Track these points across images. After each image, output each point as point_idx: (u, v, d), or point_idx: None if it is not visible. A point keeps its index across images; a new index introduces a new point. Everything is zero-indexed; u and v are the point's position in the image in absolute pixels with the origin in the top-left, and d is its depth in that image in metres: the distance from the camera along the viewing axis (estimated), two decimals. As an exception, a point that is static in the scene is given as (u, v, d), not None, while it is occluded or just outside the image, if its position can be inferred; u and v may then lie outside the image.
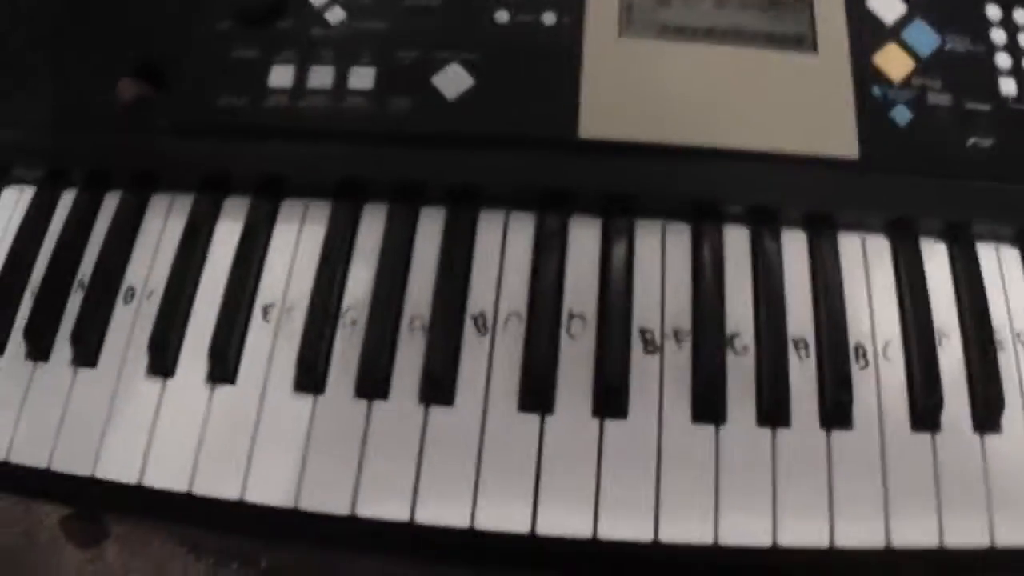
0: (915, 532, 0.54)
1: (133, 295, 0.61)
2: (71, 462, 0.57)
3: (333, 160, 0.61)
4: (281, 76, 0.62)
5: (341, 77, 0.62)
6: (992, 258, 0.62)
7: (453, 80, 0.61)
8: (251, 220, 0.61)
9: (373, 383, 0.56)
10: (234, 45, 0.63)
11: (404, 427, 0.56)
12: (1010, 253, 0.62)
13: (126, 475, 0.56)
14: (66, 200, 0.65)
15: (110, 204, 0.64)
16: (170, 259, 0.61)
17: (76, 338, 0.59)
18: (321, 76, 0.62)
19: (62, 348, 0.59)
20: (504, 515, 0.53)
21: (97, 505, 0.60)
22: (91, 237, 0.63)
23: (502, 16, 0.63)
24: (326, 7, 0.64)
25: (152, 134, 0.62)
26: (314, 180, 0.61)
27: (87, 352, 0.59)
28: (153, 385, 0.58)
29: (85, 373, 0.59)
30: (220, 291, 0.60)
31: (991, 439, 0.56)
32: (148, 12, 0.66)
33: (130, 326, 0.60)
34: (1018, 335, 0.60)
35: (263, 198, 0.62)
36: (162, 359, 0.58)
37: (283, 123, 0.61)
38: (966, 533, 0.54)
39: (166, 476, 0.55)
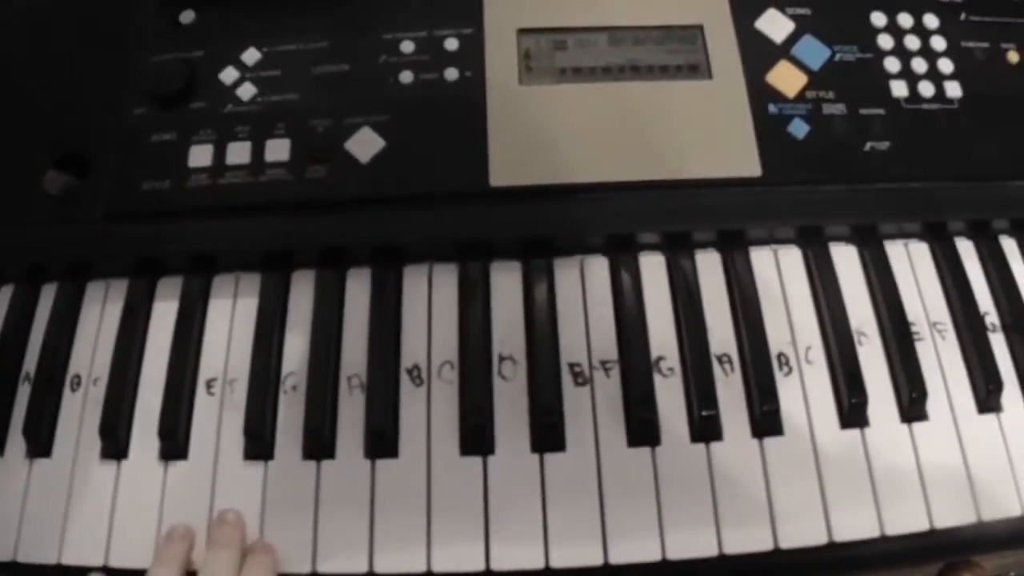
0: (856, 526, 0.56)
1: (79, 382, 0.62)
2: (36, 552, 0.57)
3: (258, 232, 0.62)
4: (200, 156, 0.63)
5: (258, 151, 0.63)
6: (902, 255, 0.64)
7: (365, 143, 0.63)
8: (185, 298, 0.63)
9: (319, 444, 0.58)
10: (152, 129, 0.65)
11: (353, 483, 0.57)
12: (919, 248, 0.65)
13: (91, 558, 0.57)
14: (3, 296, 0.66)
15: (48, 295, 0.65)
16: (111, 344, 0.62)
17: (28, 431, 0.60)
18: (238, 152, 0.63)
19: (15, 442, 0.60)
20: (459, 556, 0.55)
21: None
22: (32, 329, 0.64)
23: (406, 76, 0.65)
24: (237, 84, 0.65)
25: (82, 223, 0.63)
26: (242, 254, 0.63)
27: (40, 443, 0.60)
28: (108, 468, 0.59)
29: (40, 464, 0.60)
30: (163, 370, 0.61)
31: (919, 427, 0.59)
32: (66, 103, 0.67)
33: (80, 413, 0.61)
34: (934, 325, 0.62)
35: (195, 276, 0.63)
36: (114, 443, 0.59)
37: (207, 201, 0.62)
38: (905, 521, 0.56)
39: (130, 555, 0.56)
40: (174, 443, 0.59)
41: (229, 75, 0.66)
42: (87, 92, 0.67)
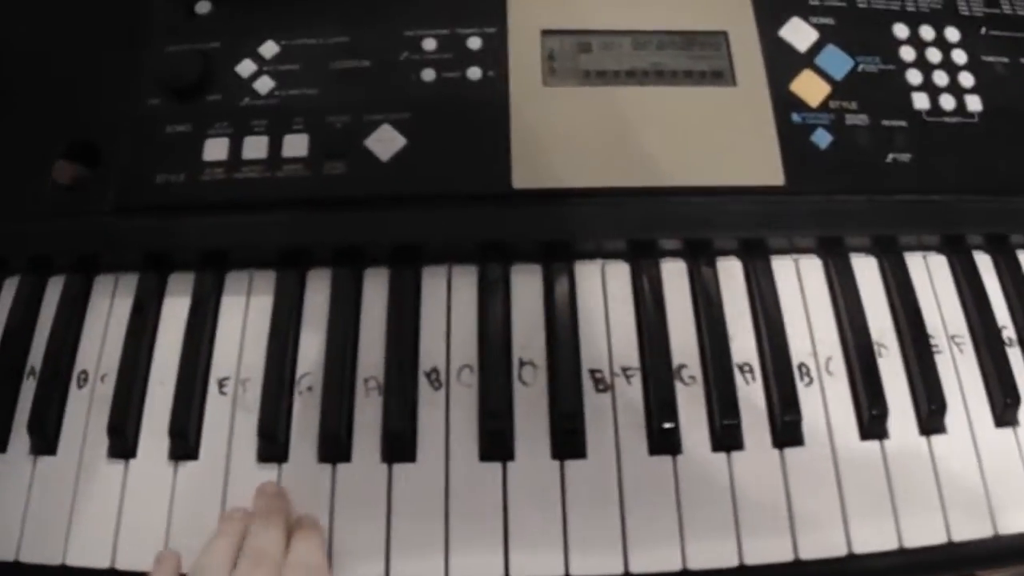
0: (875, 538, 0.56)
1: (86, 379, 0.61)
2: (40, 552, 0.56)
3: (273, 229, 0.61)
4: (215, 149, 0.62)
5: (275, 146, 0.62)
6: (921, 266, 0.64)
7: (386, 141, 0.62)
8: (197, 295, 0.62)
9: (335, 447, 0.57)
10: (167, 121, 0.63)
11: (370, 488, 0.56)
12: (937, 260, 0.65)
13: (97, 560, 0.56)
14: (9, 287, 0.64)
15: (55, 288, 0.64)
16: (120, 340, 0.61)
17: (32, 427, 0.58)
18: (255, 146, 0.62)
19: (19, 438, 0.59)
20: (477, 564, 0.54)
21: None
22: (38, 323, 0.63)
23: (428, 75, 0.64)
24: (254, 77, 0.64)
25: (92, 215, 0.62)
26: (257, 250, 0.62)
27: (45, 440, 0.59)
28: (116, 467, 0.58)
29: (45, 461, 0.58)
30: (174, 368, 0.60)
31: (938, 440, 0.59)
32: (79, 93, 0.66)
33: (86, 410, 0.60)
34: (953, 338, 0.62)
35: (208, 272, 0.62)
36: (122, 442, 0.58)
37: (221, 196, 0.61)
38: (924, 533, 0.56)
39: (138, 557, 0.55)
40: (184, 443, 0.58)
41: (246, 68, 0.65)
42: (100, 81, 0.66)
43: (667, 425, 0.57)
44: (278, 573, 0.51)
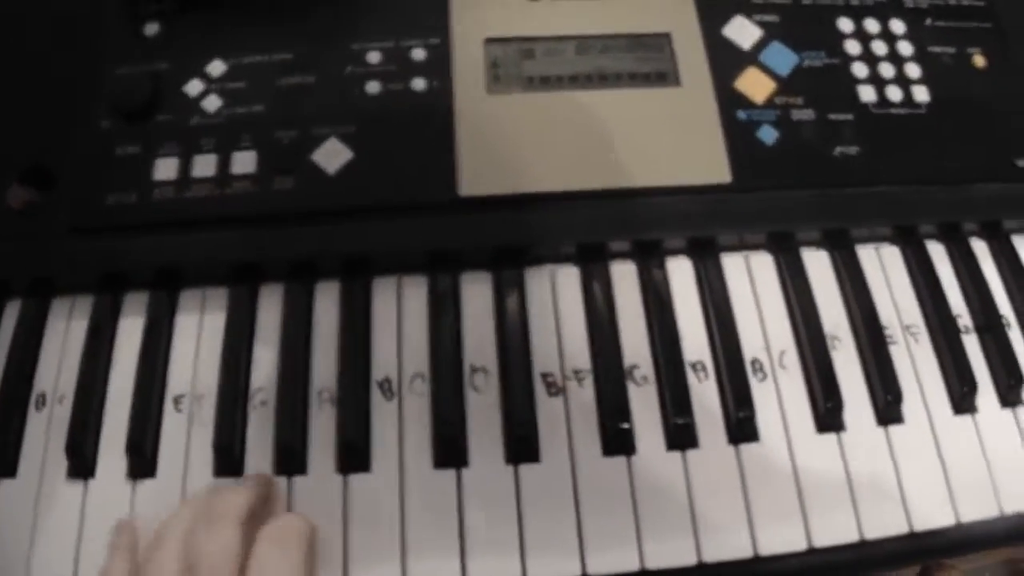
0: (835, 531, 0.56)
1: (45, 401, 0.61)
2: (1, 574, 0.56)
3: (224, 246, 0.61)
4: (165, 169, 0.62)
5: (224, 163, 0.62)
6: (873, 258, 0.65)
7: (332, 154, 0.62)
8: (152, 314, 0.62)
9: (290, 460, 0.57)
10: (117, 142, 0.63)
11: (326, 499, 0.56)
12: (890, 251, 0.65)
13: (58, 581, 0.55)
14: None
15: (11, 312, 0.64)
16: (77, 361, 0.61)
17: (-8, 451, 0.58)
18: (204, 165, 0.62)
19: (-21, 463, 0.59)
20: (435, 571, 0.54)
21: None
22: (-4, 348, 0.63)
23: (373, 87, 0.64)
24: (202, 96, 0.64)
25: (46, 238, 0.62)
26: (209, 268, 0.62)
27: (5, 463, 0.59)
28: (75, 488, 0.58)
29: (5, 484, 0.58)
30: (130, 387, 0.60)
31: (895, 430, 0.59)
32: (29, 117, 0.66)
33: (45, 432, 0.60)
34: (908, 328, 0.62)
35: (161, 291, 0.62)
36: (81, 462, 0.58)
37: (172, 215, 0.61)
38: (884, 524, 0.56)
39: (99, 577, 0.55)
40: (142, 460, 0.58)
41: (194, 87, 0.65)
42: (51, 106, 0.66)
43: (621, 426, 0.57)
44: (237, 530, 0.50)
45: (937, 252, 0.65)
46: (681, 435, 0.57)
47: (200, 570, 0.49)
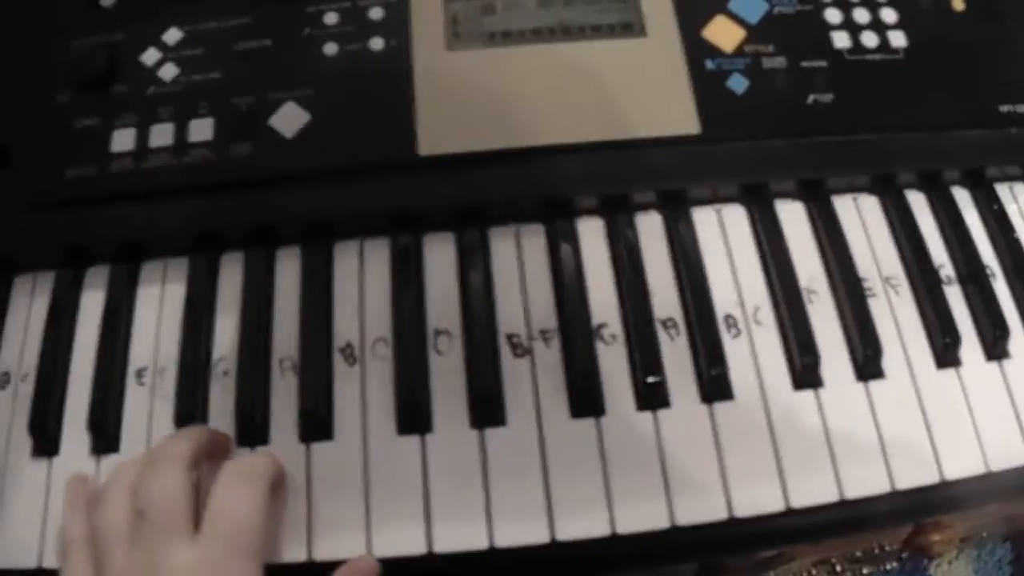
0: (814, 490, 0.54)
1: (8, 380, 0.60)
2: (-33, 556, 0.55)
3: (183, 216, 0.60)
4: (123, 140, 0.62)
5: (181, 132, 0.61)
6: (850, 208, 0.63)
7: (290, 118, 0.61)
8: (112, 288, 0.61)
9: (251, 429, 0.56)
10: (74, 114, 0.63)
11: (289, 467, 0.55)
12: (868, 201, 0.63)
13: (25, 560, 0.55)
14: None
15: (-27, 291, 0.63)
16: (39, 338, 0.60)
17: (-44, 432, 0.58)
18: (161, 134, 0.61)
19: (-57, 443, 0.58)
20: (400, 539, 0.53)
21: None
22: (-42, 328, 0.62)
23: (331, 48, 0.63)
24: (158, 65, 0.63)
25: (5, 214, 0.61)
26: (169, 238, 0.61)
27: (-31, 443, 0.58)
28: (40, 466, 0.57)
29: (-30, 465, 0.58)
30: (92, 362, 0.59)
31: (876, 386, 0.57)
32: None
33: (10, 411, 0.59)
34: (887, 280, 0.60)
35: (122, 264, 0.61)
36: (44, 439, 0.57)
37: (131, 186, 0.60)
38: (866, 483, 0.54)
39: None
40: (104, 436, 0.57)
41: (151, 56, 0.64)
42: (7, 79, 0.65)
43: (587, 386, 0.55)
44: (182, 472, 0.49)
45: (917, 201, 0.63)
46: (652, 394, 0.56)
47: (150, 513, 0.48)
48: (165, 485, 0.49)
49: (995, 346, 0.58)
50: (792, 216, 0.62)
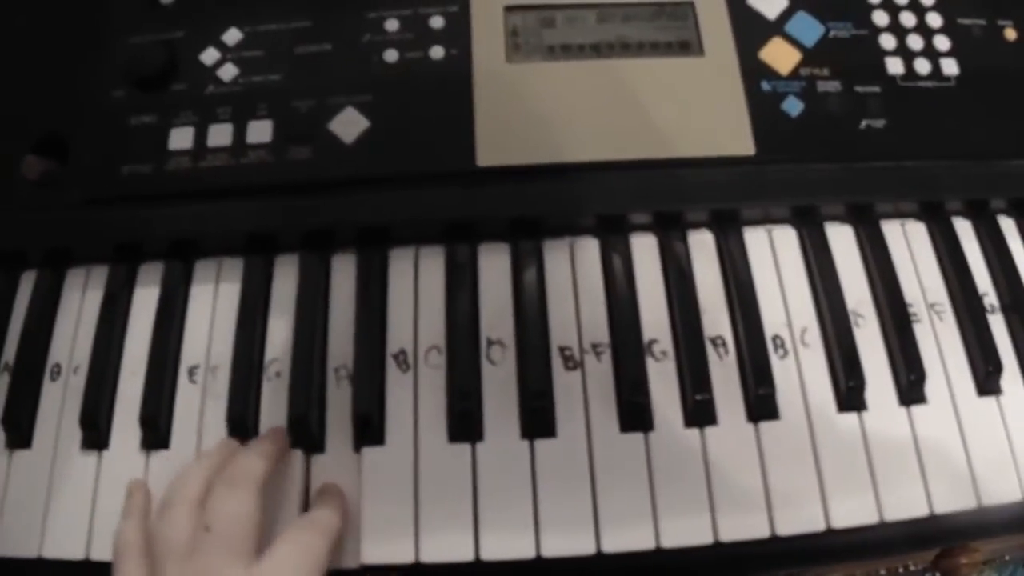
0: (854, 512, 0.55)
1: (60, 371, 0.60)
2: (16, 545, 0.56)
3: (240, 216, 0.61)
4: (181, 138, 0.62)
5: (239, 133, 0.62)
6: (898, 234, 0.63)
7: (349, 124, 0.61)
8: (167, 284, 0.61)
9: (303, 431, 0.56)
10: (132, 112, 0.63)
11: (341, 473, 0.56)
12: (916, 227, 0.64)
13: (72, 552, 0.56)
14: (-18, 285, 0.64)
15: (27, 283, 0.64)
16: (92, 332, 0.61)
17: (7, 421, 0.59)
18: (220, 134, 0.62)
19: (-6, 432, 0.59)
20: (448, 546, 0.54)
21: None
22: (12, 318, 0.63)
23: (391, 55, 0.63)
24: (218, 65, 0.64)
25: (62, 209, 0.62)
26: (224, 238, 0.62)
27: (20, 434, 0.59)
28: (89, 459, 0.58)
29: (20, 455, 0.58)
30: (145, 358, 0.60)
31: (918, 411, 0.58)
32: (45, 87, 0.66)
33: (60, 403, 0.60)
34: (932, 306, 0.61)
35: (176, 261, 0.62)
36: (95, 433, 0.58)
37: (187, 185, 0.61)
38: (905, 506, 0.55)
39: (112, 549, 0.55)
40: (155, 432, 0.57)
41: (210, 56, 0.64)
42: (66, 76, 0.65)
43: (638, 401, 0.56)
44: (256, 497, 0.50)
45: (964, 229, 0.63)
46: (700, 412, 0.56)
47: (217, 531, 0.49)
48: (239, 507, 0.50)
49: (1035, 375, 0.59)
50: (841, 239, 0.62)
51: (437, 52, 0.63)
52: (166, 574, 0.49)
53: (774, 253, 0.62)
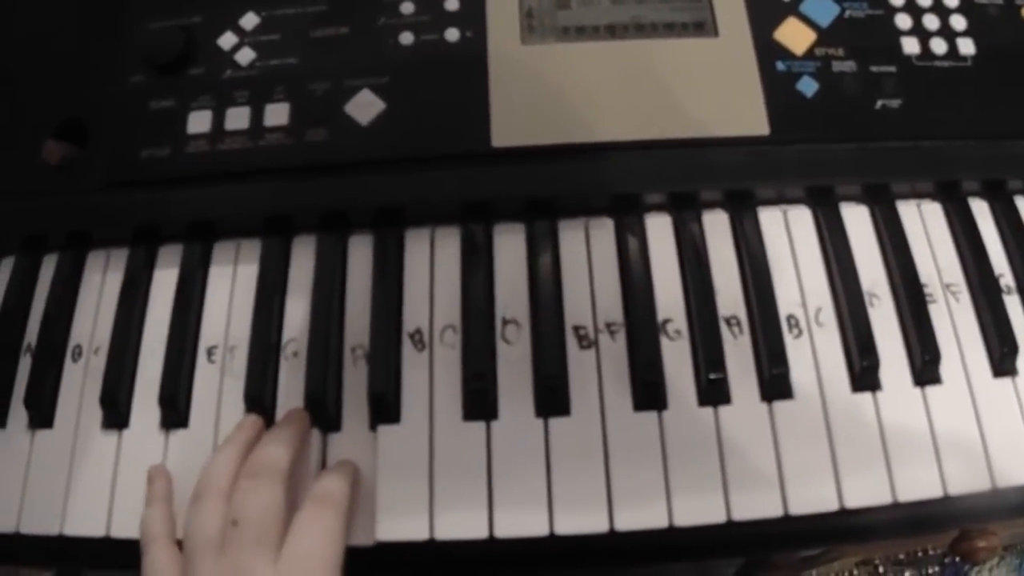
0: (867, 492, 0.55)
1: (80, 352, 0.61)
2: (38, 523, 0.57)
3: (258, 198, 0.61)
4: (199, 122, 0.63)
5: (257, 116, 0.62)
6: (914, 214, 0.63)
7: (365, 106, 0.62)
8: (185, 266, 0.62)
9: (320, 409, 0.57)
10: (150, 96, 0.64)
11: (356, 451, 0.57)
12: (931, 207, 0.63)
13: (93, 529, 0.57)
14: (4, 267, 0.65)
15: (48, 266, 0.65)
16: (112, 313, 0.62)
17: (29, 401, 0.59)
18: (237, 117, 0.62)
19: (18, 413, 0.60)
20: (462, 522, 0.54)
21: (70, 562, 0.61)
22: (34, 300, 0.64)
23: (407, 38, 0.64)
24: (235, 49, 0.64)
25: (82, 193, 0.63)
26: (242, 220, 0.62)
27: (42, 414, 0.60)
28: (110, 438, 0.59)
29: (43, 434, 0.59)
30: (164, 339, 0.61)
31: (933, 391, 0.57)
32: (64, 73, 0.67)
33: (81, 383, 0.61)
34: (948, 287, 0.61)
35: (195, 243, 0.63)
36: (115, 412, 0.59)
37: (206, 168, 0.62)
38: (918, 487, 0.55)
39: (132, 525, 0.56)
40: (174, 411, 0.58)
41: (227, 40, 0.65)
42: (85, 61, 0.66)
43: (651, 380, 0.56)
44: (280, 487, 0.51)
45: (980, 209, 0.63)
46: (714, 391, 0.57)
47: (244, 524, 0.49)
48: (263, 499, 0.51)
49: (1052, 356, 0.58)
50: (857, 219, 0.62)
51: (452, 34, 0.64)
52: (199, 570, 0.49)
53: (789, 233, 0.62)
